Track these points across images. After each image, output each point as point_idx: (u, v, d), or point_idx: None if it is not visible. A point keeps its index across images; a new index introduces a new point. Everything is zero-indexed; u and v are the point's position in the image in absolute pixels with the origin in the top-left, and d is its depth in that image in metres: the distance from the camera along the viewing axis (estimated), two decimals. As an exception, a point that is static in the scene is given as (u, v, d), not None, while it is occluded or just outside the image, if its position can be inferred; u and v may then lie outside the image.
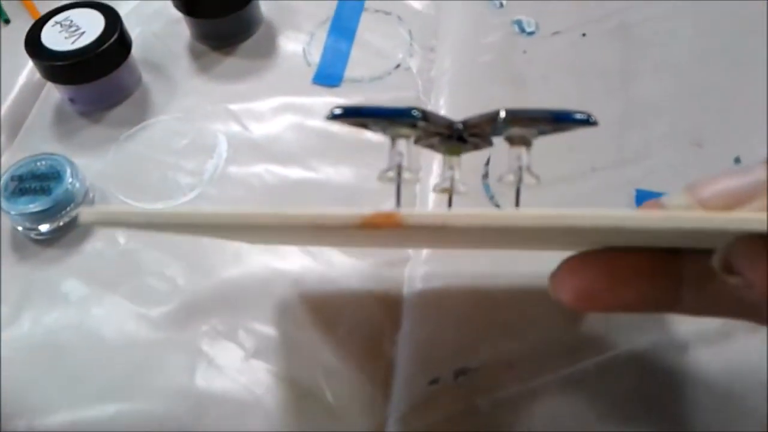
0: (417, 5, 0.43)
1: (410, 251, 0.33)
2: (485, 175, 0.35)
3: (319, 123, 0.38)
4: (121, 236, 0.34)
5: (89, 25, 0.38)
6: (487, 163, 0.35)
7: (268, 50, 0.42)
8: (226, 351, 0.30)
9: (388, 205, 0.33)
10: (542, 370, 0.29)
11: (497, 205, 0.34)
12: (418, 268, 0.32)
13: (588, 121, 0.21)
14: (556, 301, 0.21)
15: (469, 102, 0.38)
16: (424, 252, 0.33)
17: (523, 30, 0.41)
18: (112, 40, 0.37)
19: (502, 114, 0.21)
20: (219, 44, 0.42)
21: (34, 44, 0.37)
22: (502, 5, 0.42)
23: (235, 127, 0.38)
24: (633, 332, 0.29)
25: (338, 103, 0.22)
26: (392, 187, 0.23)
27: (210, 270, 0.32)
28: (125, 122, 0.39)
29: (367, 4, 0.43)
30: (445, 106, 0.38)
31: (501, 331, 0.30)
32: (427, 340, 0.30)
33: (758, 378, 0.28)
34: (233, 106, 0.39)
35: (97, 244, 0.34)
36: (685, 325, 0.29)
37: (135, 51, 0.41)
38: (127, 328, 0.31)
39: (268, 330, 0.30)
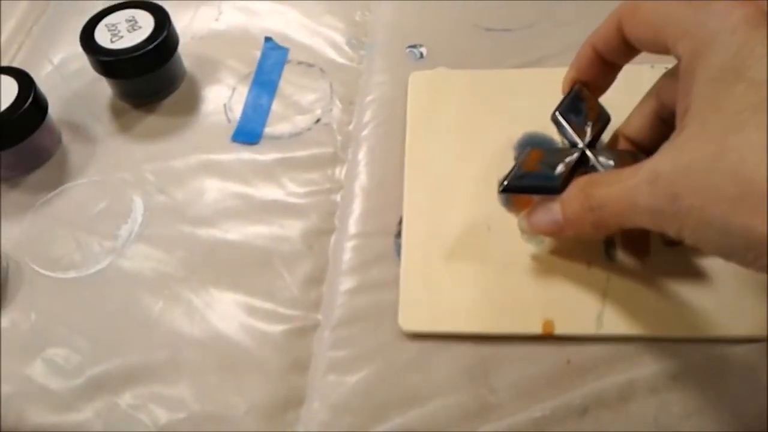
0: (340, 57, 0.43)
1: (320, 317, 0.33)
2: (398, 234, 0.35)
3: (237, 183, 0.38)
4: (33, 311, 0.34)
5: (1, 91, 0.37)
6: (400, 222, 0.35)
7: (190, 107, 0.42)
8: (133, 428, 0.30)
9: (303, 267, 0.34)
10: (443, 439, 0.29)
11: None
12: (326, 335, 0.32)
13: None
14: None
15: (388, 156, 0.38)
16: (336, 316, 0.33)
17: (442, 80, 0.41)
18: (26, 105, 0.37)
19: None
20: (140, 102, 0.42)
21: (-54, 113, 0.37)
22: (422, 56, 0.42)
23: (151, 189, 0.38)
24: (531, 398, 0.29)
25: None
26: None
27: (118, 342, 0.32)
28: (43, 187, 0.38)
29: (290, 55, 0.44)
30: (364, 161, 0.38)
31: (406, 398, 0.30)
32: (332, 412, 0.30)
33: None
34: (151, 167, 0.39)
35: (6, 319, 0.34)
36: (583, 390, 0.29)
37: (55, 112, 0.41)
38: (32, 410, 0.31)
39: (175, 403, 0.30)
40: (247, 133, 0.40)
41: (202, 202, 0.37)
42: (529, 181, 0.30)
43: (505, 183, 0.30)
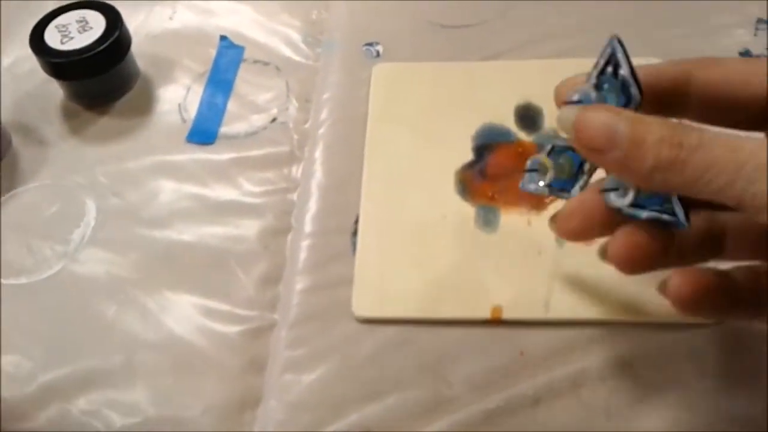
0: (296, 55, 0.43)
1: (276, 316, 0.33)
2: (354, 233, 0.35)
3: (192, 184, 0.37)
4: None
5: (-52, 94, 0.37)
6: (356, 221, 0.35)
7: (144, 107, 0.41)
8: (86, 433, 0.30)
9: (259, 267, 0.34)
10: (399, 433, 0.29)
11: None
12: (283, 334, 0.32)
13: None
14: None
15: (345, 154, 0.38)
16: (292, 315, 0.33)
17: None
18: (-27, 109, 0.36)
19: None
20: (93, 103, 0.41)
21: None
22: (378, 54, 0.42)
23: (105, 192, 0.37)
24: (484, 390, 0.30)
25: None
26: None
27: (71, 348, 0.32)
28: (-7, 191, 0.38)
29: (246, 53, 0.43)
30: (320, 159, 0.38)
31: (363, 394, 0.30)
32: (289, 411, 0.30)
33: (606, 426, 0.29)
34: (104, 169, 0.38)
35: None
36: (536, 380, 0.30)
37: (5, 114, 0.40)
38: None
39: (130, 408, 0.30)
40: (202, 133, 0.40)
41: (157, 204, 0.37)
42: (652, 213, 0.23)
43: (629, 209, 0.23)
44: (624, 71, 0.23)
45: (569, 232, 0.26)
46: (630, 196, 0.23)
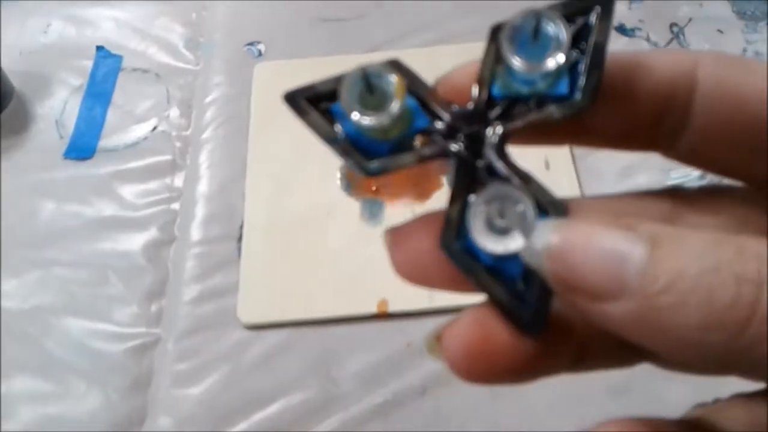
0: (176, 61, 0.42)
1: (160, 331, 0.32)
2: (239, 238, 0.34)
3: (71, 202, 0.36)
4: None
5: None
6: (242, 226, 0.35)
7: (19, 127, 0.40)
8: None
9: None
10: (290, 436, 0.29)
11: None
12: (170, 348, 0.31)
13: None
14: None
15: (231, 157, 0.37)
16: (179, 327, 0.32)
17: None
18: None
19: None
20: (-37, 126, 0.39)
21: None
22: (260, 53, 0.42)
23: (-22, 219, 0.36)
24: (373, 385, 0.30)
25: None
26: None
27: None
28: None
29: (124, 62, 0.42)
30: (205, 164, 0.37)
31: (251, 402, 0.30)
32: (176, 425, 0.29)
33: (492, 407, 0.29)
34: (-22, 195, 0.37)
35: None
36: (422, 370, 0.30)
37: None
38: None
39: (10, 441, 0.29)
40: (80, 149, 0.38)
41: (36, 226, 0.35)
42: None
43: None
44: (593, 41, 0.11)
45: (400, 264, 0.12)
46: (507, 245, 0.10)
